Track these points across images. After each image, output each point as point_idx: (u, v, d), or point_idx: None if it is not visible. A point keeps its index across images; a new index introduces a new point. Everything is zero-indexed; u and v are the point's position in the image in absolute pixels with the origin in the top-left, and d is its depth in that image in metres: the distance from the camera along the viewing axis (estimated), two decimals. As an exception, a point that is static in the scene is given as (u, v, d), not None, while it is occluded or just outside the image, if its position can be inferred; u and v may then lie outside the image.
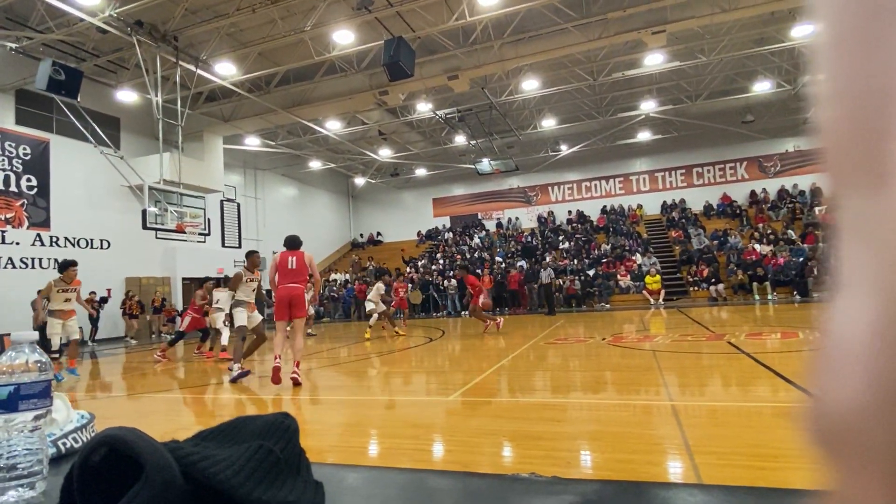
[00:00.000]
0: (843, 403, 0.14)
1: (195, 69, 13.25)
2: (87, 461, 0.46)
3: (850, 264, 0.15)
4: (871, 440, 0.14)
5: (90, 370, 9.26)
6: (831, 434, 0.15)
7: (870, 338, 0.14)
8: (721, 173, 23.71)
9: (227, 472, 0.46)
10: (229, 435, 0.56)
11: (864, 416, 0.14)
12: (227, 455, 0.49)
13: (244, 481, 0.46)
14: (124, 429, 0.46)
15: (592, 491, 0.54)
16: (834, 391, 0.15)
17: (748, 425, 3.47)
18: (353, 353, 9.03)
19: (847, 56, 0.15)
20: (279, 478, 0.49)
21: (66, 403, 0.85)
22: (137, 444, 0.44)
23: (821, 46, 0.17)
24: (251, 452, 0.50)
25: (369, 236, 29.08)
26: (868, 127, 0.14)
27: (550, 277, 16.33)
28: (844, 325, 0.15)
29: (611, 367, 6.25)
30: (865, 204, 0.15)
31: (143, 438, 0.45)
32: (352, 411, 4.94)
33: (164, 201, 13.44)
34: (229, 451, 0.50)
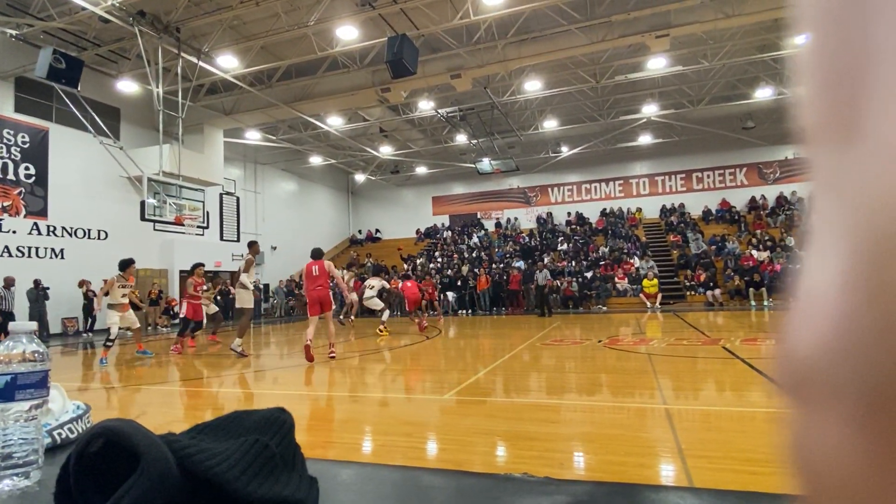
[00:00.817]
0: (811, 345, 0.15)
1: (197, 61, 13.21)
2: (84, 452, 0.46)
3: (822, 216, 0.16)
4: (835, 379, 0.14)
5: (87, 361, 9.25)
6: (798, 376, 0.16)
7: (837, 282, 0.14)
8: (721, 179, 23.75)
9: (223, 465, 0.46)
10: (225, 429, 0.56)
11: (830, 357, 0.14)
12: (224, 449, 0.49)
13: (240, 475, 0.46)
14: (121, 420, 0.46)
15: (584, 492, 0.55)
16: (802, 335, 0.15)
17: (741, 430, 3.49)
18: (348, 350, 9.03)
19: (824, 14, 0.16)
20: (274, 472, 0.49)
21: (63, 394, 0.86)
22: (134, 435, 0.44)
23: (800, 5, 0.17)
24: (247, 447, 0.50)
25: (368, 233, 29.06)
26: (840, 84, 0.15)
27: (546, 279, 16.30)
28: (814, 272, 0.15)
29: (606, 369, 6.27)
30: (837, 158, 0.15)
31: (140, 430, 0.45)
32: (346, 408, 4.94)
33: (162, 193, 13.40)
34: (225, 445, 0.51)
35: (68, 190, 14.94)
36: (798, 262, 0.17)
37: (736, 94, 18.80)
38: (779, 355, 0.17)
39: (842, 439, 0.14)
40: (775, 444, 0.16)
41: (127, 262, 8.38)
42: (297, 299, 21.80)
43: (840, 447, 0.14)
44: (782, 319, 0.16)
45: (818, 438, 0.15)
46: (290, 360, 8.27)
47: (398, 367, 7.27)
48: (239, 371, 7.30)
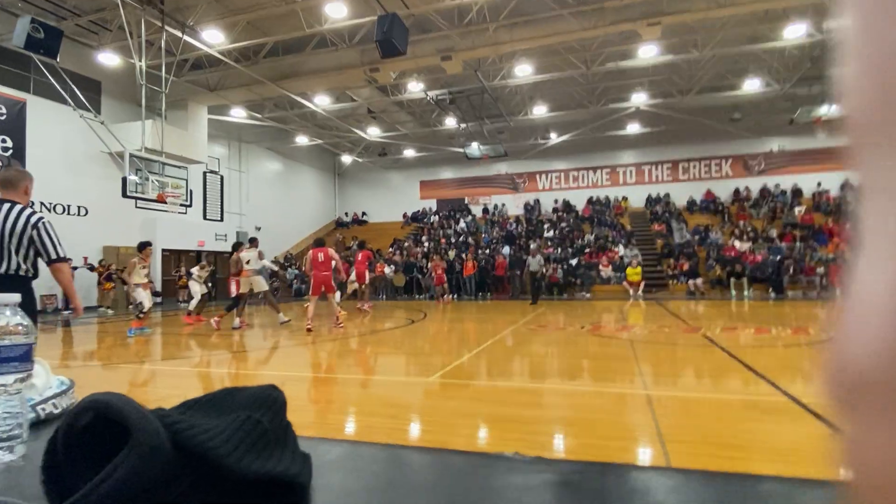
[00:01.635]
0: (867, 351, 0.15)
1: (181, 35, 12.86)
2: (73, 425, 0.45)
3: (873, 221, 0.15)
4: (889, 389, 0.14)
5: (67, 338, 9.13)
6: (851, 386, 0.15)
7: (892, 292, 0.14)
8: (706, 169, 23.98)
9: (216, 440, 0.46)
10: (216, 405, 0.55)
11: (890, 362, 0.14)
12: (216, 424, 0.49)
13: (232, 450, 0.46)
14: (111, 394, 0.45)
15: (574, 471, 0.56)
16: (857, 340, 0.15)
17: (719, 417, 3.58)
18: (333, 332, 9.02)
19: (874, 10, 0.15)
20: (267, 448, 0.49)
21: (47, 369, 0.84)
22: (125, 409, 0.44)
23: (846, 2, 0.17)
24: (239, 423, 0.50)
25: (354, 216, 28.87)
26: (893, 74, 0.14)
27: (539, 265, 15.97)
28: (867, 282, 0.15)
29: (589, 355, 6.36)
30: (890, 161, 0.15)
31: (131, 404, 0.45)
32: (330, 389, 4.96)
33: (145, 170, 13.12)
34: (217, 421, 0.50)
35: (47, 164, 14.54)
36: (847, 265, 0.16)
37: (724, 84, 18.90)
38: (829, 362, 0.16)
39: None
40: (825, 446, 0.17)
41: (145, 244, 9.26)
42: (280, 280, 21.67)
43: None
44: (831, 326, 0.16)
45: (877, 447, 0.14)
46: (273, 340, 8.25)
47: (383, 350, 7.30)
48: (223, 352, 7.26)
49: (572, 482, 0.53)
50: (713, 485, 0.51)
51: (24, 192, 3.32)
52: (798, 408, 3.59)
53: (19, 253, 3.14)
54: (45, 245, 3.22)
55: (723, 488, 0.51)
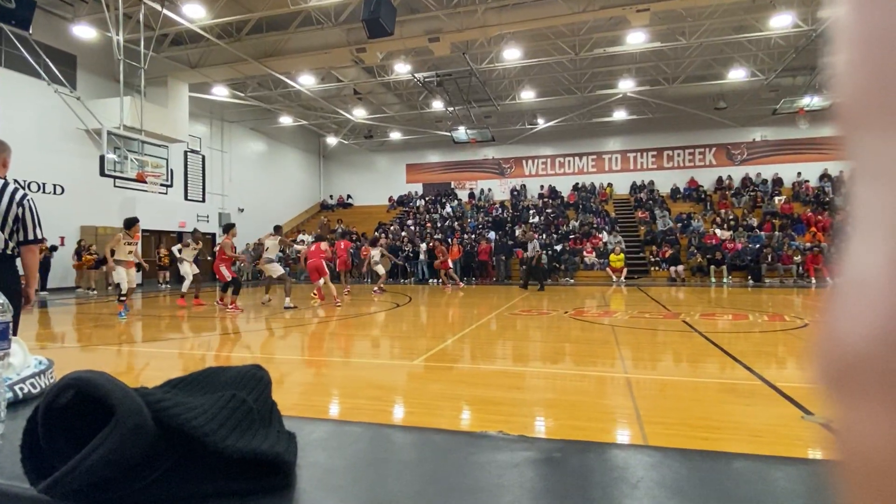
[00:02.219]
0: (860, 335, 0.15)
1: (161, 8, 12.46)
2: (54, 403, 0.45)
3: (866, 206, 0.16)
4: (883, 370, 0.14)
5: (44, 319, 8.96)
6: (842, 368, 0.15)
7: (886, 275, 0.14)
8: (690, 158, 24.21)
9: (200, 419, 0.46)
10: (200, 384, 0.55)
11: (884, 346, 0.14)
12: (200, 403, 0.49)
13: (217, 429, 0.46)
14: (93, 372, 0.45)
15: (556, 449, 0.57)
16: (849, 324, 0.15)
17: (695, 399, 3.67)
18: (318, 315, 9.00)
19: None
20: (252, 427, 0.49)
21: (24, 348, 0.83)
22: (107, 386, 0.43)
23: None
24: (224, 401, 0.50)
25: (339, 198, 28.61)
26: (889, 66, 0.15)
27: (536, 250, 15.65)
28: (860, 265, 0.15)
29: (571, 339, 6.45)
30: (883, 145, 0.15)
31: (113, 381, 0.44)
32: (314, 371, 4.96)
33: (123, 148, 12.80)
34: (202, 400, 0.50)
35: (20, 141, 14.01)
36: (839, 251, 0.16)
37: (710, 73, 19.01)
38: (820, 346, 0.16)
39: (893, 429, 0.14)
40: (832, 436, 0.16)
41: (132, 221, 8.68)
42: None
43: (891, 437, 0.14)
44: (822, 311, 0.16)
45: (870, 429, 0.14)
46: (260, 324, 8.20)
47: (367, 333, 7.31)
48: (208, 334, 7.21)
49: (554, 459, 0.54)
50: (689, 462, 0.53)
51: (2, 165, 3.20)
52: (772, 391, 3.70)
53: (4, 230, 3.02)
54: (27, 224, 3.11)
55: (698, 465, 0.53)
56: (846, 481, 0.15)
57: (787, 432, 2.91)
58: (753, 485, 0.49)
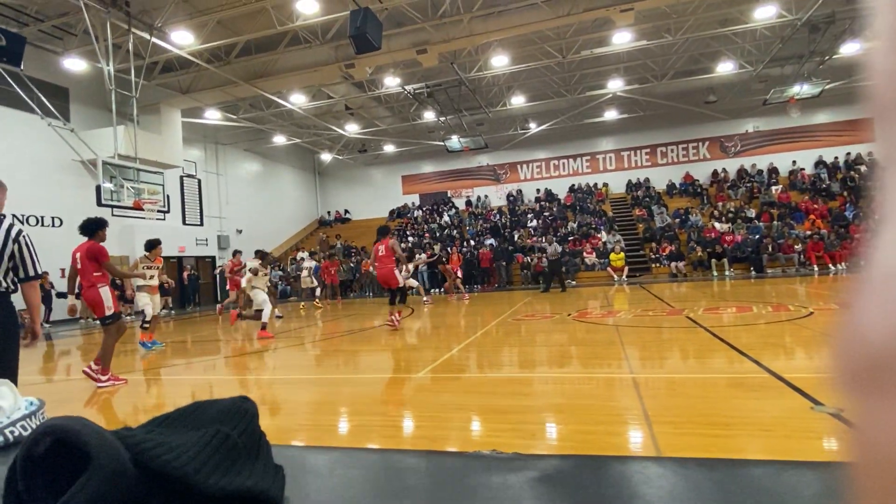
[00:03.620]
0: (886, 333, 0.14)
1: (149, 37, 12.57)
2: (31, 452, 0.44)
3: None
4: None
5: (49, 353, 8.94)
6: (869, 363, 0.15)
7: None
8: (684, 153, 24.27)
9: (182, 458, 0.45)
10: (186, 420, 0.54)
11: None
12: (183, 441, 0.48)
13: (200, 467, 0.45)
14: (69, 418, 0.44)
15: (551, 466, 0.56)
16: (879, 318, 0.14)
17: (704, 396, 3.64)
18: (322, 332, 8.97)
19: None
20: (237, 463, 0.48)
21: (14, 390, 0.82)
22: (82, 432, 0.42)
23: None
24: (208, 438, 0.49)
25: (336, 214, 28.66)
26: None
27: (557, 252, 15.65)
28: (891, 257, 0.15)
29: (575, 342, 6.42)
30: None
31: (89, 427, 0.43)
32: (321, 389, 4.93)
33: (119, 177, 12.84)
34: (185, 437, 0.49)
35: (17, 176, 14.09)
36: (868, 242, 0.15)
37: (698, 68, 19.11)
38: (845, 340, 0.15)
39: None
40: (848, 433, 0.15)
41: (153, 243, 8.17)
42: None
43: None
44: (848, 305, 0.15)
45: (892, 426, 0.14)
46: (259, 344, 8.17)
47: (372, 347, 7.27)
48: (207, 358, 7.18)
49: (549, 478, 0.53)
50: (688, 472, 0.52)
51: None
52: (780, 383, 3.67)
53: (0, 268, 2.96)
54: (25, 261, 3.06)
55: (701, 475, 0.52)
56: (866, 482, 0.15)
57: (798, 425, 2.88)
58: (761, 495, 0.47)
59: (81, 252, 5.43)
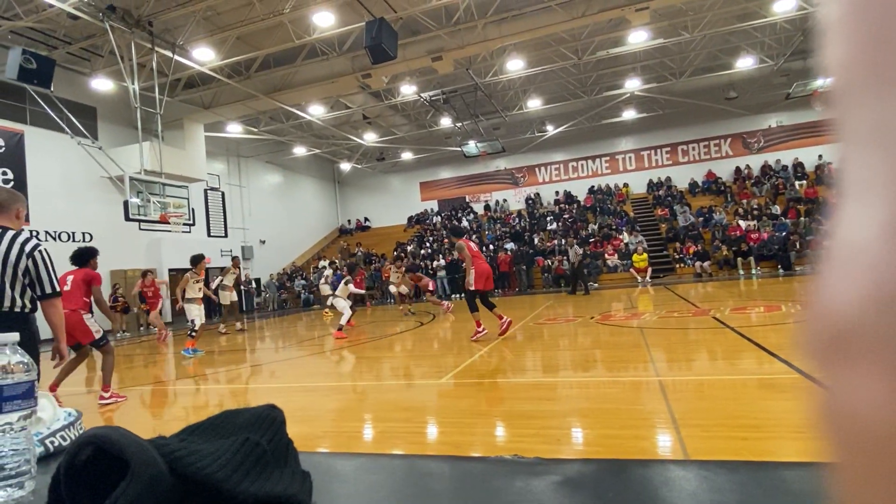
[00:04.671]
0: (852, 299, 0.14)
1: (172, 55, 12.93)
2: (73, 461, 0.46)
3: (860, 170, 0.15)
4: (876, 332, 0.14)
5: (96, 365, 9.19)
6: (833, 337, 0.15)
7: (882, 233, 0.14)
8: (706, 150, 23.86)
9: (214, 465, 0.46)
10: (216, 429, 0.56)
11: (877, 308, 0.14)
12: (214, 449, 0.50)
13: (230, 474, 0.47)
14: (109, 428, 0.46)
15: (574, 470, 0.56)
16: (841, 290, 0.15)
17: (732, 398, 3.56)
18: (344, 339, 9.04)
19: None
20: (266, 470, 0.50)
21: (53, 402, 0.85)
22: (121, 441, 0.44)
23: None
24: (237, 446, 0.50)
25: (357, 222, 28.93)
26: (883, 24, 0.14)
27: (577, 255, 15.64)
28: (853, 229, 0.15)
29: (599, 345, 6.35)
30: (879, 108, 0.15)
31: (128, 436, 0.45)
32: (344, 396, 4.97)
33: (146, 192, 13.21)
34: (216, 446, 0.51)
35: (49, 193, 14.66)
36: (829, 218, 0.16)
37: (717, 64, 18.80)
38: (812, 313, 0.16)
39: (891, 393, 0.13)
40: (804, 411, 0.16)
41: (198, 258, 8.73)
42: (288, 292, 21.75)
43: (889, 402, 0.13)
44: (814, 278, 0.16)
45: (861, 395, 0.14)
46: (288, 353, 8.28)
47: (394, 354, 7.31)
48: (230, 367, 7.31)
49: (571, 481, 0.53)
50: (711, 475, 0.52)
51: (15, 216, 2.98)
52: (813, 384, 3.57)
53: (15, 287, 2.80)
54: (41, 277, 2.89)
55: (723, 478, 0.52)
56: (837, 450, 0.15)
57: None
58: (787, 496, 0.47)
59: (77, 277, 5.50)
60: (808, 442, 0.15)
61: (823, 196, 19.14)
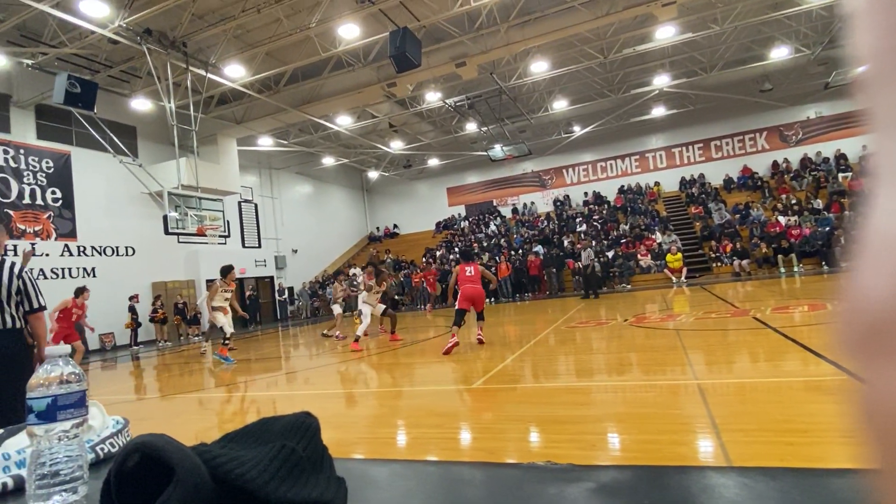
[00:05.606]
0: (887, 294, 0.14)
1: (205, 73, 13.39)
2: (123, 467, 0.49)
3: (890, 157, 0.15)
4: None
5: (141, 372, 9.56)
6: (871, 325, 0.14)
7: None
8: (740, 145, 23.16)
9: (253, 471, 0.48)
10: (254, 436, 0.58)
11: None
12: (253, 456, 0.51)
13: (269, 480, 0.48)
14: (154, 435, 0.48)
15: (608, 476, 0.55)
16: (878, 282, 0.14)
17: (776, 401, 3.43)
18: (375, 346, 9.13)
19: None
20: (303, 476, 0.51)
21: (102, 411, 0.90)
22: (167, 449, 0.47)
23: None
24: (275, 452, 0.52)
25: (385, 229, 29.22)
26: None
27: (590, 258, 15.55)
28: (887, 218, 0.14)
29: (634, 348, 6.22)
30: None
31: (172, 444, 0.48)
32: (377, 403, 5.01)
33: (183, 206, 13.68)
34: (254, 452, 0.53)
35: (94, 210, 15.36)
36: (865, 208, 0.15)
37: (750, 56, 18.26)
38: (846, 306, 0.15)
39: None
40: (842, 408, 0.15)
41: (228, 269, 8.73)
42: (320, 300, 22.10)
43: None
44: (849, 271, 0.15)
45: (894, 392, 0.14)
46: (322, 359, 8.42)
47: (425, 360, 7.33)
48: (269, 375, 7.46)
49: (606, 488, 0.53)
50: (750, 482, 0.50)
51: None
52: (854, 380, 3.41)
53: (11, 305, 3.16)
54: (30, 294, 3.24)
55: (763, 485, 0.50)
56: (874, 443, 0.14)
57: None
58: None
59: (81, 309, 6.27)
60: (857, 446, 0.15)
61: (866, 187, 18.29)
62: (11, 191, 13.66)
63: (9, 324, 3.13)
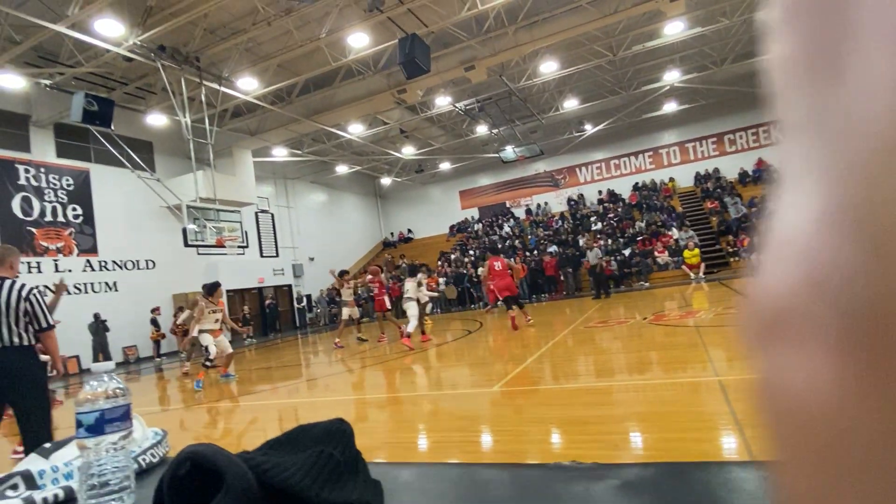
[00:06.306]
0: (787, 284, 0.14)
1: (219, 87, 13.62)
2: (175, 474, 0.52)
3: (799, 159, 0.15)
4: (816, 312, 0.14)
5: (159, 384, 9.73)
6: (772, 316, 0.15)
7: (815, 217, 0.14)
8: (755, 138, 22.82)
9: (296, 476, 0.51)
10: (292, 443, 0.61)
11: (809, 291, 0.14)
12: (294, 461, 0.54)
13: (311, 484, 0.51)
14: (204, 444, 0.52)
15: (633, 474, 0.57)
16: (777, 275, 0.15)
17: (801, 397, 3.38)
18: (394, 351, 9.18)
19: None
20: (341, 479, 0.54)
21: (142, 423, 0.94)
22: (216, 457, 0.50)
23: None
24: (315, 457, 0.55)
25: (400, 234, 29.35)
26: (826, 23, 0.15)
27: (598, 258, 15.52)
28: (790, 216, 0.15)
29: (654, 346, 6.17)
30: (818, 98, 0.15)
31: (221, 452, 0.51)
32: (400, 408, 5.05)
33: (202, 218, 13.91)
34: (295, 458, 0.56)
35: (114, 225, 15.69)
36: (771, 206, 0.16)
37: (762, 47, 17.99)
38: (749, 300, 0.16)
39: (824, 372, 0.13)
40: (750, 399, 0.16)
41: (214, 286, 7.88)
42: (338, 307, 22.24)
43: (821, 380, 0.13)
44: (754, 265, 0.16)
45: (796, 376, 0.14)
46: (337, 367, 8.48)
47: (446, 364, 7.36)
48: (287, 383, 7.54)
49: (631, 485, 0.55)
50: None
51: (9, 267, 3.49)
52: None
53: (19, 325, 3.35)
54: (38, 315, 3.42)
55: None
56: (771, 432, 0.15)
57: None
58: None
59: None
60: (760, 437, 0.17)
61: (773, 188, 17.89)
62: (33, 209, 14.02)
63: (16, 342, 3.33)
